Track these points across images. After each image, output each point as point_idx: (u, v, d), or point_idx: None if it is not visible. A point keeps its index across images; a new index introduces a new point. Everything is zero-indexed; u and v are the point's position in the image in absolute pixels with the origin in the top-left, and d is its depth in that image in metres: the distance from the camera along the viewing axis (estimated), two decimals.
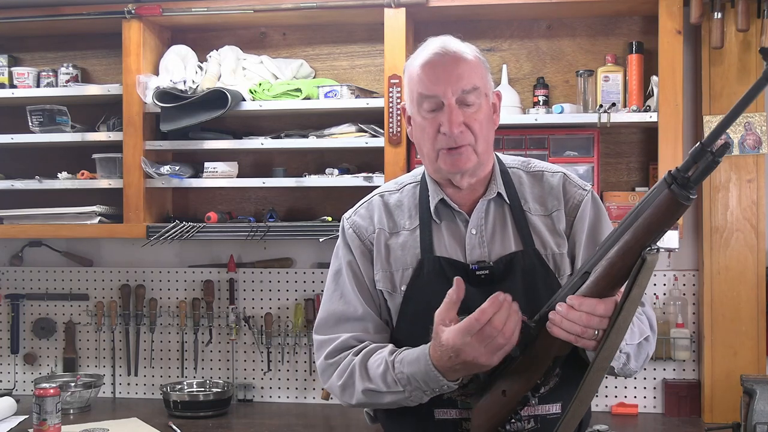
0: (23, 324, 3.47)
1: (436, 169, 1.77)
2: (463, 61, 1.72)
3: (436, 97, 1.70)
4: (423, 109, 1.72)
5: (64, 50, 3.44)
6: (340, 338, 1.77)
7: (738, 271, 2.92)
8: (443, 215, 1.80)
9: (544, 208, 1.79)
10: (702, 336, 2.97)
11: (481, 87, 1.73)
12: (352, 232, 1.84)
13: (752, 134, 2.91)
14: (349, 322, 1.79)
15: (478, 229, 1.77)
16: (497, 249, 1.75)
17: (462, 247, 1.76)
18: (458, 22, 3.12)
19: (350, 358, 1.74)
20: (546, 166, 1.87)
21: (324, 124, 3.09)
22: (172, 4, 3.09)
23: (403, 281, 1.76)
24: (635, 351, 1.66)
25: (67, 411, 3.02)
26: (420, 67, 1.73)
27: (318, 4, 3.00)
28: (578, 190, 1.82)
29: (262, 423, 2.99)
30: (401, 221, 1.82)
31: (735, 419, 2.71)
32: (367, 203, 1.88)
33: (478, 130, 1.72)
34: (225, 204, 3.34)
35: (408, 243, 1.78)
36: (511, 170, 1.85)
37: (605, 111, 2.87)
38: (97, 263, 3.47)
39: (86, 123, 3.26)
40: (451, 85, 1.69)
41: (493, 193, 1.78)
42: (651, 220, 1.37)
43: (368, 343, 1.76)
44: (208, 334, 3.33)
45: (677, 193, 1.34)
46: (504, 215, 1.79)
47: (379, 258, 1.80)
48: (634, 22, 3.07)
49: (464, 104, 1.70)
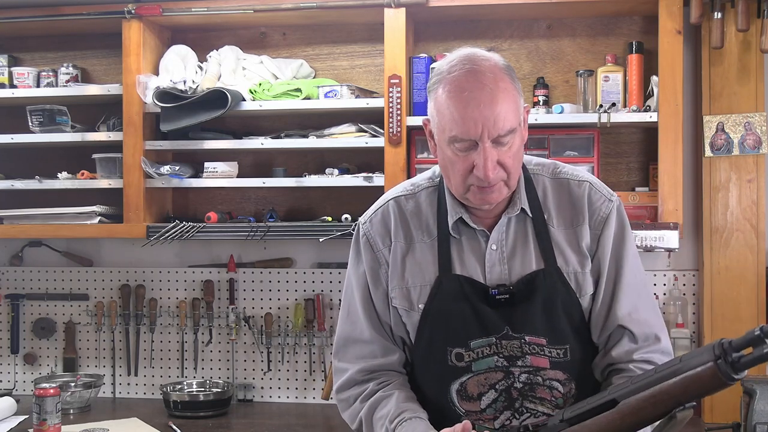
0: (23, 324, 3.47)
1: (462, 198, 1.68)
2: (500, 97, 1.57)
3: (470, 139, 1.57)
4: (454, 147, 1.60)
5: (64, 50, 3.44)
6: (347, 372, 1.76)
7: (738, 271, 2.92)
8: (462, 231, 1.72)
9: (567, 222, 1.71)
10: (702, 336, 2.97)
11: (517, 125, 1.61)
12: (366, 240, 1.77)
13: (752, 134, 2.91)
14: (357, 345, 1.77)
15: (498, 245, 1.70)
16: (517, 267, 1.68)
17: (482, 264, 1.69)
18: (458, 22, 3.12)
19: (358, 406, 1.73)
20: (572, 173, 1.77)
21: (324, 124, 3.09)
22: (172, 4, 3.09)
23: (420, 299, 1.70)
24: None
25: (67, 411, 3.02)
26: (452, 100, 1.58)
27: (318, 4, 3.00)
28: (604, 201, 1.72)
29: (262, 423, 2.99)
30: (418, 232, 1.74)
31: (735, 419, 2.71)
32: (383, 209, 1.78)
33: (511, 166, 1.61)
34: (225, 204, 3.34)
35: (425, 258, 1.72)
36: (535, 177, 1.75)
37: (605, 111, 2.87)
38: (97, 263, 3.47)
39: (86, 123, 3.26)
40: (488, 129, 1.56)
41: (516, 210, 1.70)
42: (689, 385, 1.30)
43: (374, 388, 1.72)
44: (208, 334, 3.33)
45: (722, 370, 1.26)
46: (526, 230, 1.71)
47: (395, 273, 1.73)
48: (634, 22, 3.07)
49: (499, 144, 1.59)
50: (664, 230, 2.76)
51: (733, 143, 2.92)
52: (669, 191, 2.80)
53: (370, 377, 1.75)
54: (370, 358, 1.75)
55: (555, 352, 1.64)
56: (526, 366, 1.64)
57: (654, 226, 2.77)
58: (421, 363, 1.70)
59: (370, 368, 1.75)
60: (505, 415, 1.65)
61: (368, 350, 1.75)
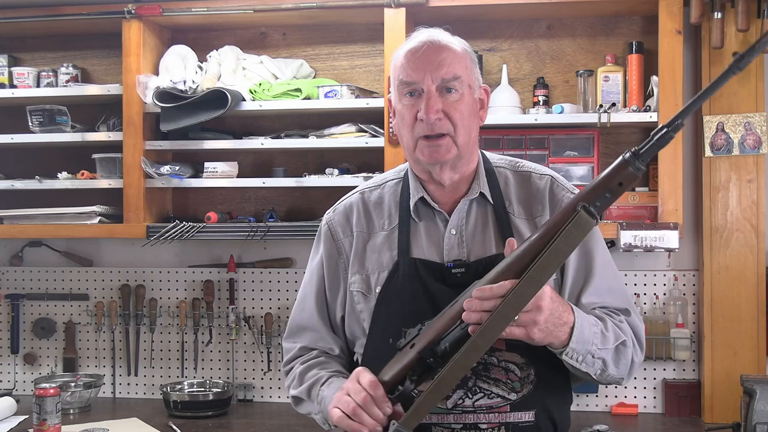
0: (23, 324, 3.47)
1: (415, 160, 1.73)
2: (447, 49, 1.68)
3: (416, 83, 1.67)
4: (403, 96, 1.69)
5: (64, 50, 3.44)
6: (293, 350, 1.85)
7: (738, 271, 2.92)
8: (423, 214, 1.76)
9: (528, 212, 1.74)
10: (702, 336, 2.97)
11: (464, 77, 1.68)
12: (328, 229, 1.84)
13: (752, 134, 2.91)
14: (306, 332, 1.84)
15: (458, 230, 1.72)
16: (477, 251, 1.71)
17: (440, 248, 1.72)
18: (458, 22, 3.12)
19: (297, 367, 1.81)
20: (534, 167, 1.81)
21: (324, 124, 3.09)
22: (172, 4, 3.09)
23: (378, 283, 1.73)
24: (612, 356, 1.61)
25: (67, 411, 3.02)
26: (404, 55, 1.70)
27: (318, 4, 3.00)
28: (566, 193, 1.76)
29: (262, 423, 2.99)
30: (379, 221, 1.79)
31: (735, 419, 2.71)
32: (347, 202, 1.86)
33: (458, 119, 1.66)
34: (225, 204, 3.34)
35: (385, 244, 1.75)
36: (498, 169, 1.79)
37: (605, 111, 2.87)
38: (97, 263, 3.47)
39: (86, 123, 3.26)
40: (431, 72, 1.65)
41: (475, 193, 1.74)
42: (598, 181, 1.40)
43: (317, 354, 1.82)
44: (208, 334, 3.33)
45: (629, 160, 1.37)
46: (486, 216, 1.74)
47: (355, 261, 1.77)
48: (634, 22, 3.08)
49: (445, 92, 1.66)
50: (664, 230, 2.76)
51: (733, 143, 2.92)
52: (669, 191, 2.80)
53: (313, 350, 1.83)
54: (316, 342, 1.83)
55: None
56: None
57: (654, 226, 2.77)
58: (378, 347, 1.70)
59: (315, 347, 1.83)
60: (458, 395, 1.65)
61: (316, 336, 1.83)
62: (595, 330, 1.57)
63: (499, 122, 2.95)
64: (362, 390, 1.53)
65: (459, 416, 1.64)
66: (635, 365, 1.69)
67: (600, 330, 1.58)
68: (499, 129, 3.02)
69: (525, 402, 1.65)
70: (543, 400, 1.66)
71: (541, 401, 1.66)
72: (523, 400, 1.65)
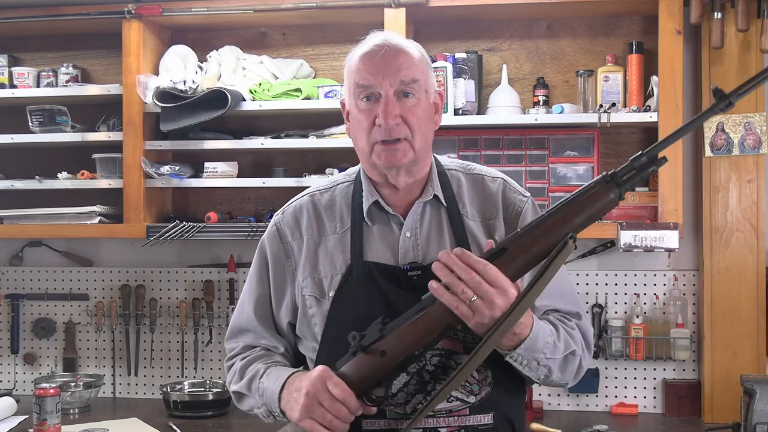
0: (23, 324, 3.47)
1: (371, 164, 1.69)
2: (404, 53, 1.66)
3: (373, 87, 1.64)
4: (360, 101, 1.66)
5: (64, 50, 3.44)
6: (236, 349, 1.83)
7: (738, 271, 2.92)
8: (376, 218, 1.73)
9: (481, 215, 1.73)
10: (702, 336, 2.97)
11: (421, 81, 1.66)
12: (276, 230, 1.79)
13: (752, 134, 2.91)
14: (247, 333, 1.82)
15: (412, 233, 1.70)
16: (432, 253, 1.68)
17: (394, 251, 1.69)
18: (458, 22, 3.12)
19: (238, 362, 1.79)
20: (486, 170, 1.80)
21: (324, 124, 3.09)
22: (172, 4, 3.09)
23: (331, 287, 1.69)
24: (560, 365, 1.61)
25: (67, 411, 3.02)
26: (359, 58, 1.68)
27: (318, 4, 3.00)
28: (518, 196, 1.75)
29: (262, 423, 2.94)
30: (331, 224, 1.75)
31: (735, 419, 2.71)
32: (297, 204, 1.80)
33: (415, 124, 1.64)
34: (225, 204, 3.34)
35: (337, 248, 1.72)
36: (450, 172, 1.77)
37: (605, 111, 2.87)
38: (97, 263, 3.47)
39: (86, 123, 3.26)
40: (389, 77, 1.63)
41: (429, 195, 1.71)
42: (583, 206, 1.45)
43: (259, 350, 1.79)
44: (208, 334, 3.33)
45: (611, 188, 1.44)
46: (440, 219, 1.72)
47: (307, 265, 1.73)
48: (634, 22, 3.08)
49: (402, 97, 1.65)
50: (664, 230, 2.76)
51: (733, 143, 2.92)
52: (669, 191, 2.80)
53: (255, 347, 1.81)
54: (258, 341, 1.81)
55: (470, 337, 1.61)
56: (437, 349, 1.61)
57: (654, 226, 2.77)
58: (332, 352, 1.65)
59: (257, 344, 1.81)
60: (416, 399, 1.62)
61: (257, 336, 1.80)
62: (548, 341, 1.57)
63: (499, 122, 2.96)
64: (335, 400, 1.50)
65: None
66: (583, 369, 1.69)
67: (553, 341, 1.58)
68: (499, 129, 3.02)
69: (483, 404, 1.63)
70: (501, 402, 1.65)
71: (499, 403, 1.64)
72: (482, 403, 1.63)
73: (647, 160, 1.43)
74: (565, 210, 1.46)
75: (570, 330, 1.66)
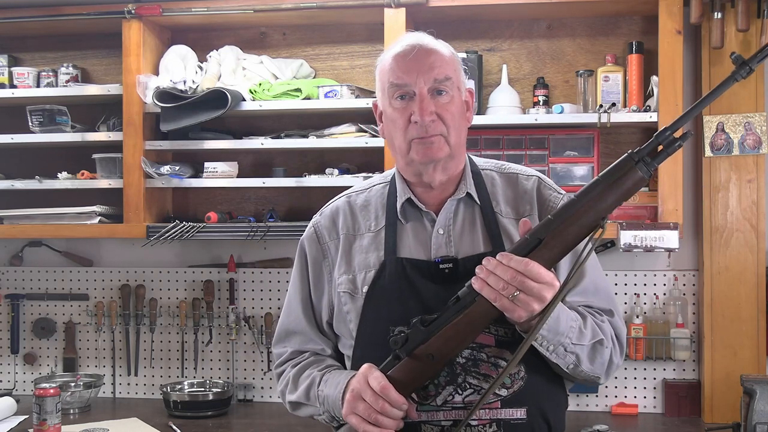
0: (23, 324, 3.47)
1: (408, 162, 1.72)
2: (436, 52, 1.70)
3: (408, 86, 1.67)
4: (394, 100, 1.69)
5: (64, 50, 3.44)
6: (285, 354, 1.86)
7: (738, 271, 2.92)
8: (410, 215, 1.76)
9: (516, 212, 1.74)
10: (702, 336, 2.97)
11: (454, 79, 1.70)
12: (314, 232, 1.84)
13: (752, 134, 2.91)
14: (295, 336, 1.84)
15: (445, 229, 1.72)
16: (465, 249, 1.71)
17: (427, 248, 1.72)
18: (458, 22, 3.12)
19: (289, 370, 1.82)
20: (520, 168, 1.83)
21: (324, 124, 3.09)
22: (172, 4, 3.09)
23: (365, 283, 1.72)
24: (588, 353, 1.62)
25: (67, 411, 3.03)
26: (392, 58, 1.71)
27: (318, 4, 3.00)
28: (553, 193, 1.77)
29: (262, 423, 2.99)
30: (366, 222, 1.79)
31: (735, 419, 2.71)
32: (333, 205, 1.85)
33: (450, 120, 1.68)
34: (225, 204, 3.34)
35: (372, 245, 1.75)
36: (484, 172, 1.80)
37: (605, 111, 2.87)
38: (97, 263, 3.47)
39: (86, 123, 3.26)
40: (423, 74, 1.67)
41: (462, 193, 1.74)
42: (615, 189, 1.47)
43: (308, 356, 1.82)
44: (208, 334, 3.33)
45: (642, 169, 1.47)
46: (474, 216, 1.74)
47: (342, 263, 1.77)
48: (634, 22, 3.08)
49: (436, 95, 1.68)
50: (664, 230, 2.76)
51: (733, 143, 2.92)
52: (669, 191, 2.80)
53: (304, 353, 1.84)
54: (306, 344, 1.84)
55: (502, 330, 1.63)
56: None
57: (654, 226, 2.77)
58: (366, 348, 1.70)
59: (305, 349, 1.84)
60: (447, 391, 1.64)
61: (305, 339, 1.83)
62: (573, 325, 1.58)
63: (499, 122, 2.96)
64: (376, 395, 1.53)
65: (449, 413, 1.64)
66: (614, 365, 1.69)
67: (578, 326, 1.59)
68: (499, 129, 3.02)
69: (516, 398, 1.64)
70: (535, 397, 1.65)
71: (532, 399, 1.65)
72: (514, 397, 1.64)
73: (671, 136, 1.46)
74: (595, 193, 1.48)
75: (599, 322, 1.67)
